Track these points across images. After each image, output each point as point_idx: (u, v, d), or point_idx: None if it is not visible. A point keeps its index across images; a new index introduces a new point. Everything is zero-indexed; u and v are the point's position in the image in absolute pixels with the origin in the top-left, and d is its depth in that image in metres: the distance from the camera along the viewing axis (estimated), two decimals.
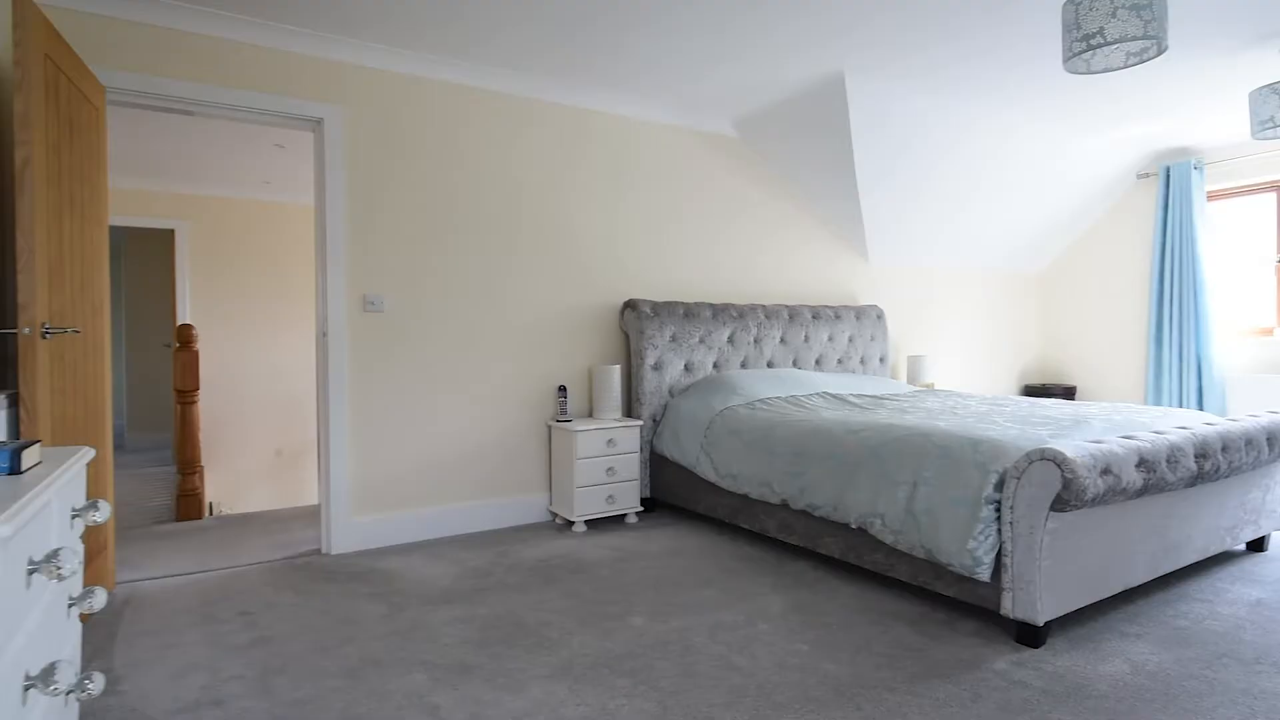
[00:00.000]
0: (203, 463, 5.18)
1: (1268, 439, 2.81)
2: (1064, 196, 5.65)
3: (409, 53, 3.43)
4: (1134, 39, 2.59)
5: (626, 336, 4.15)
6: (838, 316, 4.80)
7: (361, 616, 2.59)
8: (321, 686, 2.08)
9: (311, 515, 4.04)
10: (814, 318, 4.70)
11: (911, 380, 5.22)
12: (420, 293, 3.54)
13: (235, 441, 6.10)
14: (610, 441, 3.70)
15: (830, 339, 4.76)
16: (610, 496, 3.71)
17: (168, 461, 6.06)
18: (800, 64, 3.67)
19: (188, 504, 4.21)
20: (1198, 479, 2.54)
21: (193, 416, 4.41)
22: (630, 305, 4.02)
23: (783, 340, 4.54)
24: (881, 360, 5.03)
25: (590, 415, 4.01)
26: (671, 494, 3.86)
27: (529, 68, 3.64)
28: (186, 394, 4.39)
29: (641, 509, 3.89)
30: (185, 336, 4.39)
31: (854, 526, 2.79)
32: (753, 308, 4.44)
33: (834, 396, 3.91)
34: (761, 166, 4.73)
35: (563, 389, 3.80)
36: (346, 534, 3.35)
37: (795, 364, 4.60)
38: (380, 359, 3.43)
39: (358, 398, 3.38)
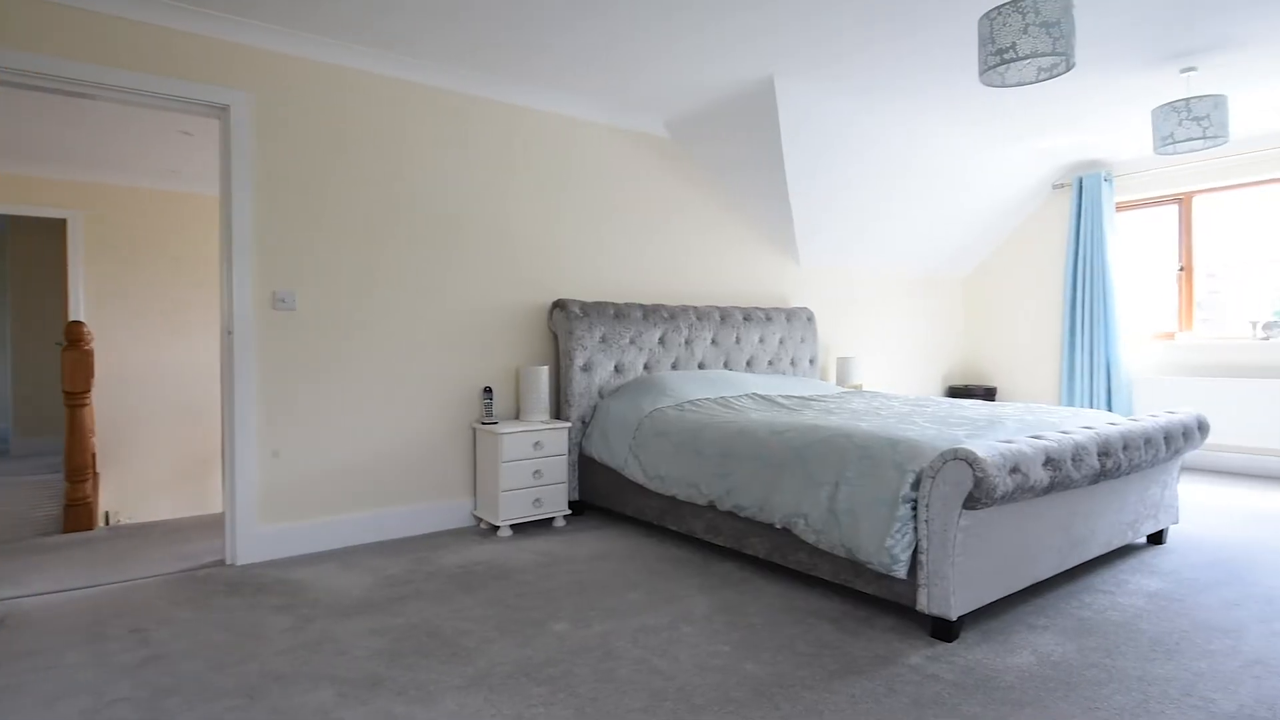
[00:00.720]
0: (98, 470, 4.85)
1: (1165, 438, 2.95)
2: (985, 204, 5.86)
3: (329, 41, 3.29)
4: (1044, 55, 2.69)
5: (555, 337, 4.09)
6: (769, 318, 4.85)
7: (266, 630, 2.45)
8: (217, 707, 1.95)
9: (217, 524, 3.83)
10: (745, 319, 4.74)
11: (840, 381, 5.32)
12: (336, 290, 3.39)
13: (136, 447, 5.75)
14: (537, 444, 3.63)
15: (761, 340, 4.81)
16: (537, 500, 3.64)
17: (58, 469, 5.65)
18: (730, 66, 3.69)
19: (77, 514, 3.92)
20: (1101, 476, 2.64)
21: (83, 420, 4.12)
22: (559, 305, 3.96)
23: (714, 341, 4.56)
24: (811, 362, 5.10)
25: (517, 417, 3.93)
26: (601, 496, 3.81)
27: (456, 61, 3.55)
28: (76, 396, 4.10)
29: (570, 512, 3.83)
30: (75, 334, 4.10)
31: (779, 527, 2.80)
32: (684, 309, 4.43)
33: (763, 398, 3.93)
34: (693, 167, 4.74)
35: (488, 390, 3.71)
36: (253, 543, 3.18)
37: (726, 365, 4.62)
38: (291, 359, 3.27)
39: (266, 399, 3.21)
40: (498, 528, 3.60)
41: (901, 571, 2.37)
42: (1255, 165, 5.06)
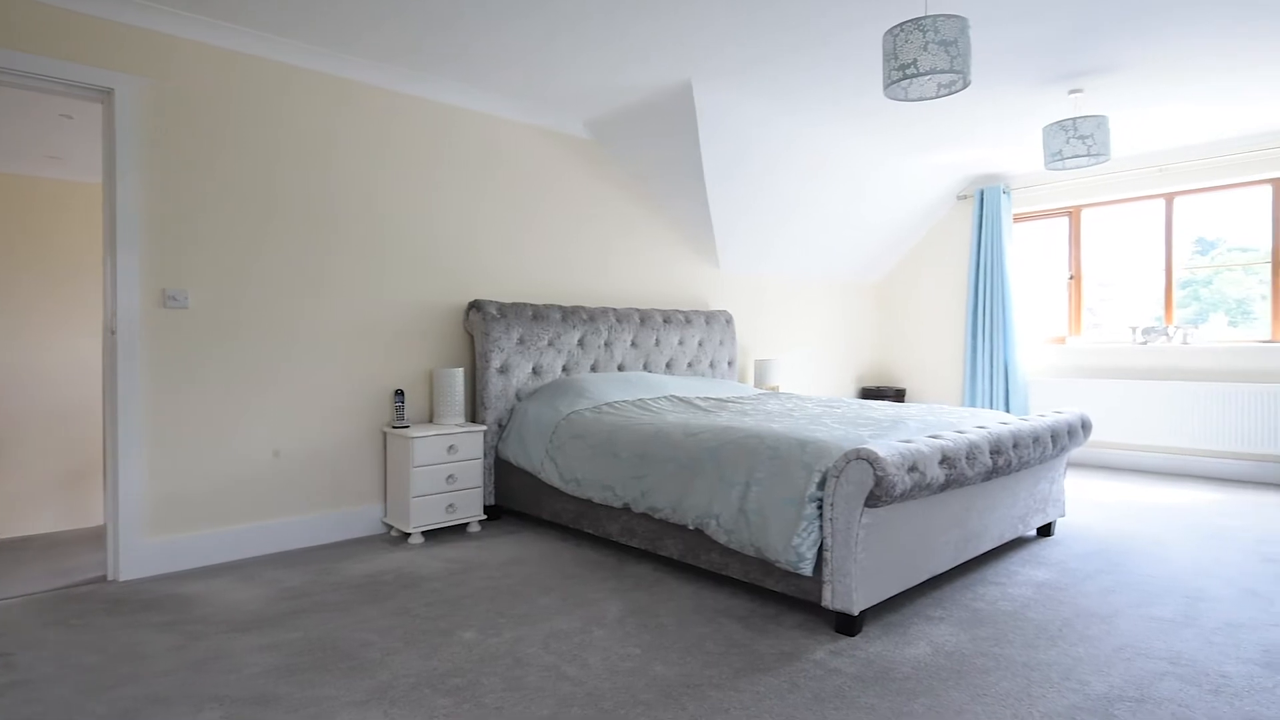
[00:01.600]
0: None
1: (1052, 436, 3.14)
2: (895, 212, 6.10)
3: (229, 26, 3.12)
4: (943, 72, 2.81)
5: (472, 338, 4.01)
6: (688, 321, 4.90)
7: (148, 650, 2.29)
8: None
9: (99, 537, 3.57)
10: (665, 322, 4.77)
11: (759, 383, 5.42)
12: (234, 288, 3.22)
13: (12, 455, 5.31)
14: (451, 448, 3.54)
15: (681, 343, 4.85)
16: (451, 505, 3.55)
17: None
18: (649, 69, 3.70)
19: None
20: (993, 473, 2.78)
21: None
22: (475, 306, 3.88)
23: (634, 344, 4.57)
24: (730, 364, 5.18)
25: (431, 421, 3.83)
26: (517, 500, 3.76)
27: (370, 54, 3.43)
28: None
29: (485, 517, 3.76)
30: None
31: (692, 528, 2.83)
32: (604, 310, 4.43)
33: (681, 400, 3.96)
34: (614, 169, 4.74)
35: (399, 393, 3.60)
36: (139, 557, 2.98)
37: (646, 367, 4.64)
38: (184, 360, 3.09)
39: (155, 404, 3.02)
40: (409, 535, 3.50)
41: (808, 569, 2.43)
42: (1136, 182, 5.45)
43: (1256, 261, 5.03)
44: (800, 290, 6.11)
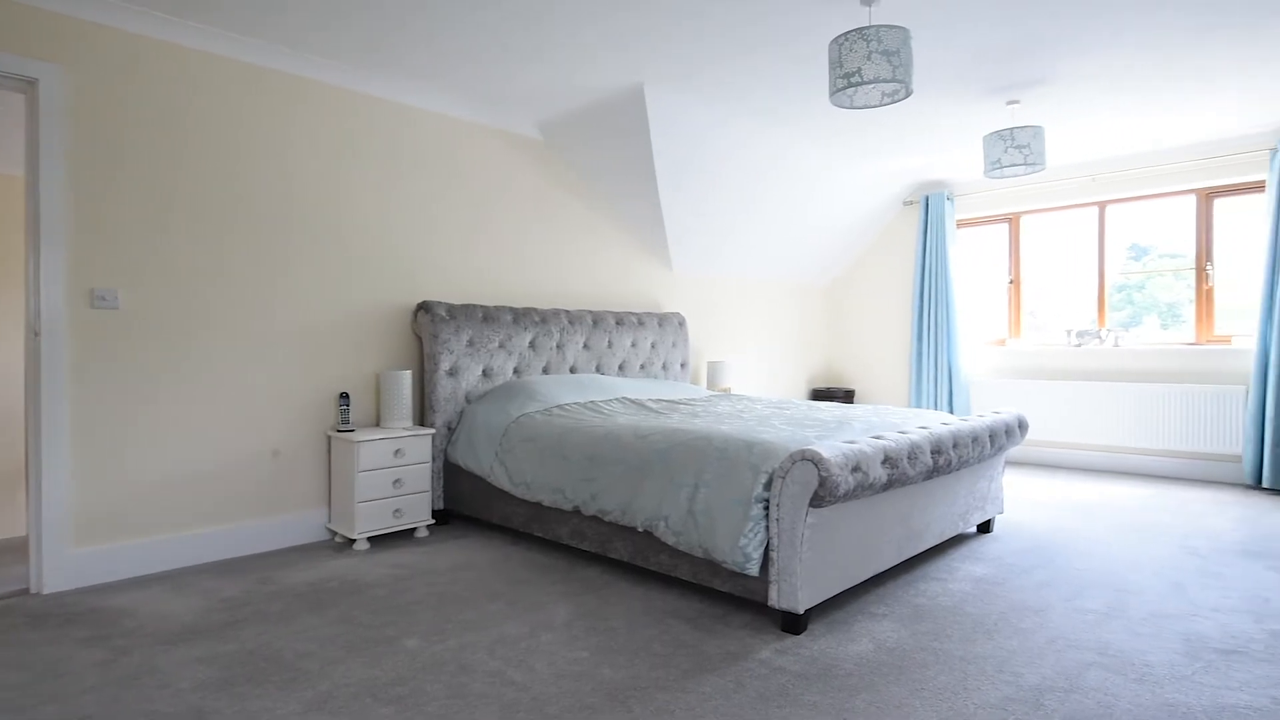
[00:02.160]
0: None
1: (990, 436, 3.24)
2: (843, 216, 6.22)
3: (164, 17, 3.01)
4: (886, 81, 2.88)
5: (420, 340, 3.94)
6: (641, 323, 4.91)
7: (73, 666, 2.20)
8: None
9: (22, 548, 3.41)
10: (618, 323, 4.77)
11: (711, 385, 5.46)
12: (170, 288, 3.11)
13: None
14: (398, 452, 3.48)
15: (634, 345, 4.86)
16: (397, 510, 3.49)
17: None
18: (601, 72, 3.70)
19: None
20: (934, 472, 2.85)
21: None
22: (424, 307, 3.82)
23: (586, 346, 4.56)
24: (683, 366, 5.21)
25: (377, 424, 3.75)
26: (466, 505, 3.71)
27: (317, 50, 3.34)
28: None
29: (433, 522, 3.70)
30: None
31: (641, 530, 2.83)
32: (556, 312, 4.40)
33: (632, 402, 3.97)
34: (566, 171, 4.72)
35: (345, 396, 3.52)
36: (64, 569, 2.85)
37: (599, 369, 4.64)
38: (114, 363, 2.96)
39: (82, 408, 2.89)
40: (354, 541, 3.42)
41: (754, 569, 2.45)
42: (1071, 190, 5.67)
43: (1184, 268, 5.28)
44: (752, 292, 6.18)
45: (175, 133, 3.12)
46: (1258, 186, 4.95)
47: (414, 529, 3.66)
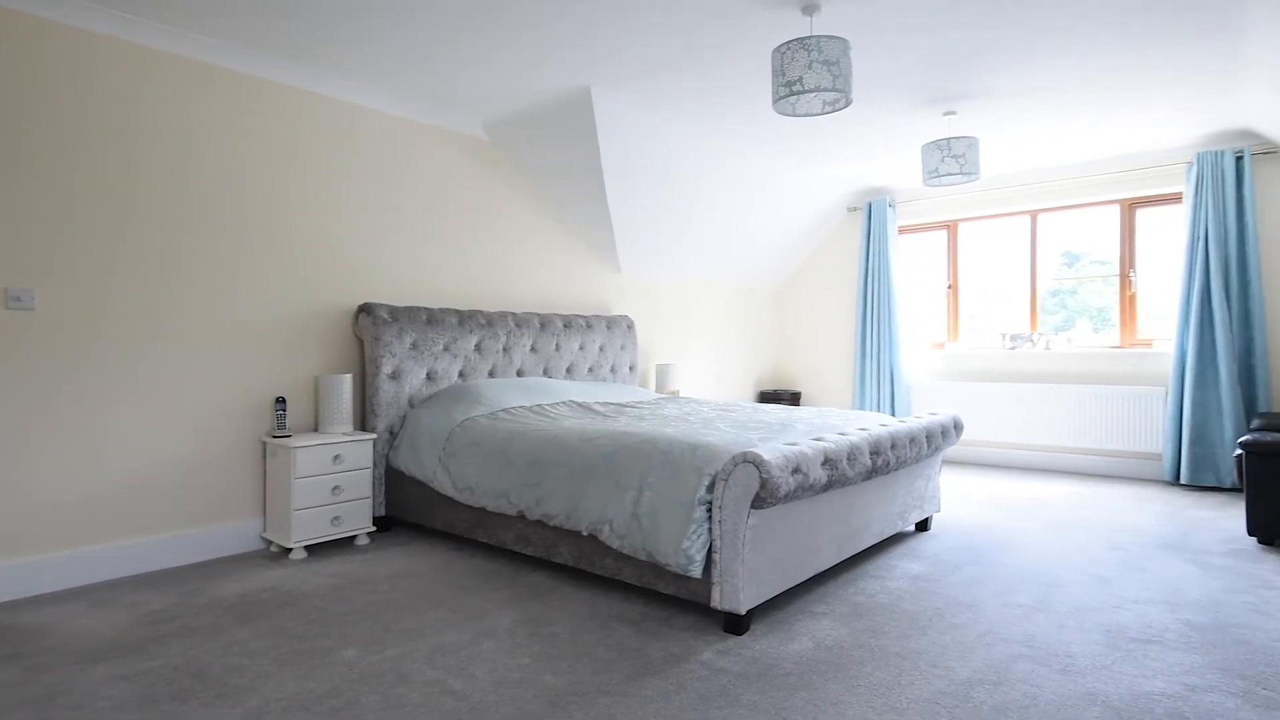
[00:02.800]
0: None
1: (927, 437, 3.33)
2: (790, 220, 6.32)
3: (91, 5, 2.87)
4: (826, 90, 2.94)
5: (361, 343, 3.86)
6: (589, 325, 4.90)
7: None
8: None
9: None
10: (566, 326, 4.75)
11: (660, 388, 5.48)
12: (92, 289, 2.97)
13: None
14: (337, 457, 3.39)
15: (581, 348, 4.84)
16: (336, 518, 3.40)
17: None
18: (548, 73, 3.68)
19: None
20: (873, 473, 2.92)
21: None
22: (365, 309, 3.74)
23: (533, 349, 4.52)
24: (631, 369, 5.22)
25: (316, 429, 3.65)
26: (409, 511, 3.64)
27: (252, 43, 3.24)
28: None
29: (375, 529, 3.62)
30: None
31: (586, 534, 2.82)
32: (502, 315, 4.36)
33: (579, 405, 3.95)
34: (514, 172, 4.68)
35: (281, 401, 3.42)
36: None
37: (546, 373, 4.61)
38: (30, 367, 2.81)
39: None
40: (290, 550, 3.32)
41: (697, 571, 2.47)
42: (1005, 199, 5.88)
43: (1111, 274, 5.52)
44: (701, 295, 6.23)
45: (102, 129, 2.98)
46: (1176, 198, 5.22)
47: (354, 536, 3.57)
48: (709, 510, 2.50)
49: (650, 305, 5.72)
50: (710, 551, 2.48)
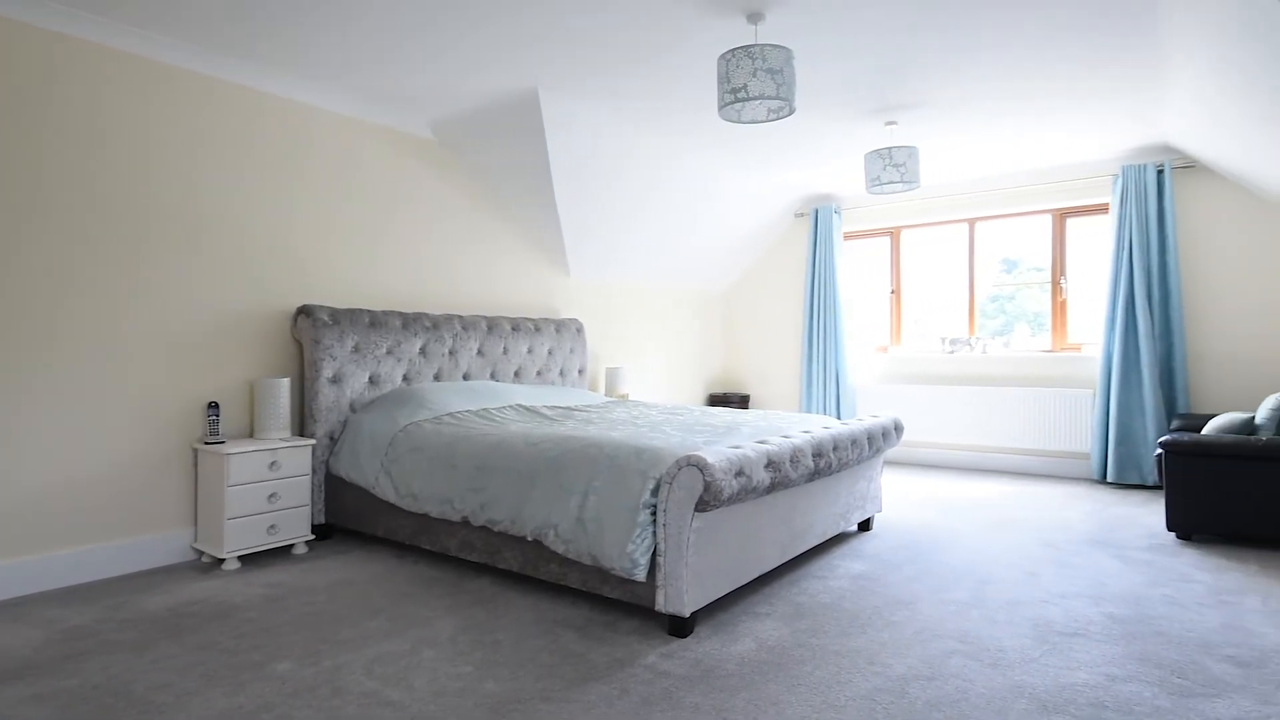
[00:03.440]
0: None
1: (868, 438, 3.40)
2: (738, 225, 6.40)
3: None
4: (770, 98, 2.98)
5: (301, 346, 3.75)
6: (538, 329, 4.86)
7: None
8: None
9: None
10: (514, 329, 4.70)
11: (610, 391, 5.48)
12: (11, 290, 2.81)
13: None
14: (274, 464, 3.29)
15: (530, 351, 4.80)
16: (273, 526, 3.29)
17: None
18: (496, 74, 3.65)
19: None
20: (816, 475, 2.97)
21: None
22: (305, 311, 3.64)
23: (480, 352, 4.47)
24: (580, 372, 5.20)
25: (251, 435, 3.53)
26: (350, 518, 3.55)
27: (185, 35, 3.12)
28: None
29: (313, 537, 3.52)
30: None
31: (531, 539, 2.80)
32: (448, 318, 4.29)
33: (526, 409, 3.92)
34: (461, 173, 4.62)
35: (214, 406, 3.29)
36: None
37: (493, 376, 4.55)
38: None
39: None
40: (222, 560, 3.20)
41: (641, 575, 2.47)
42: (944, 207, 6.06)
43: (1045, 281, 5.74)
44: (651, 299, 6.25)
45: (16, 120, 2.83)
46: (1103, 209, 5.46)
47: (291, 545, 3.46)
48: (654, 514, 2.51)
49: (600, 308, 5.71)
50: (655, 555, 2.49)
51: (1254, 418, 3.75)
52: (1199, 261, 5.03)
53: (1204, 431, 3.80)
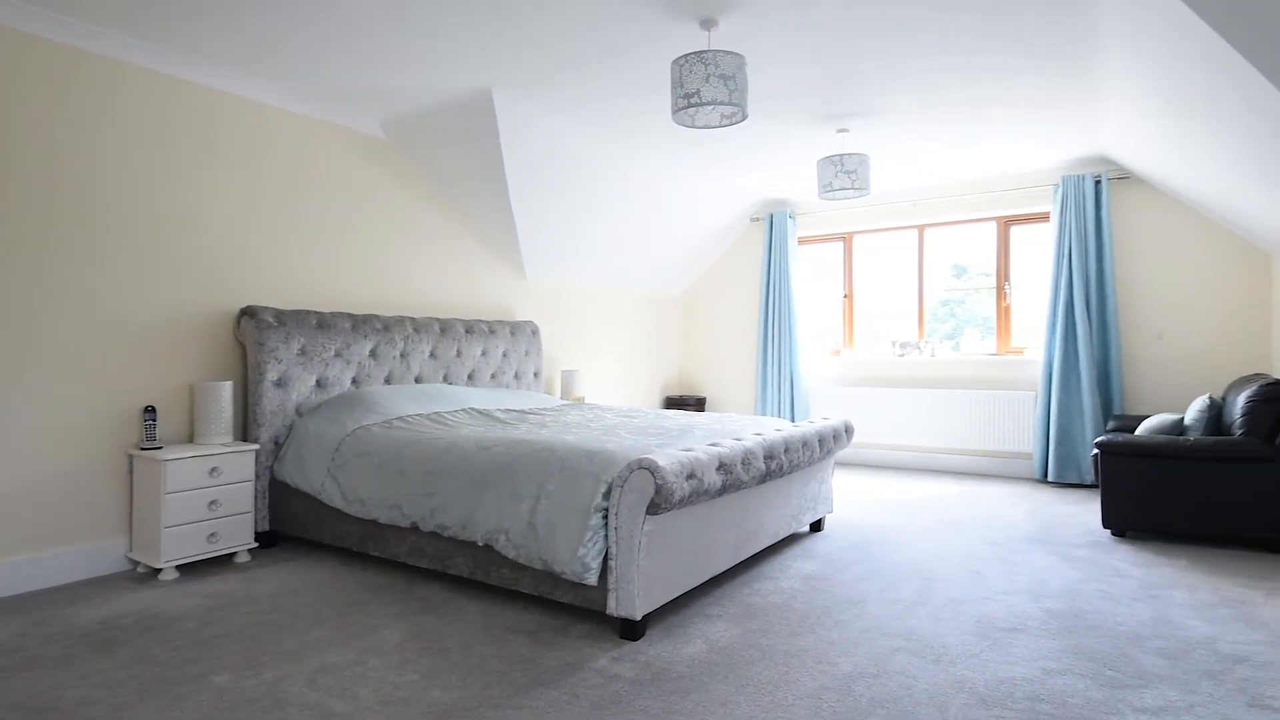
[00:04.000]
0: None
1: (819, 441, 3.46)
2: (695, 229, 6.44)
3: None
4: (723, 103, 3.01)
5: (244, 348, 3.64)
6: (492, 331, 4.81)
7: None
8: None
9: None
10: (468, 332, 4.65)
11: (565, 394, 5.45)
12: None
13: None
14: (214, 470, 3.19)
15: (484, 354, 4.75)
16: (213, 534, 3.19)
17: None
18: (449, 74, 3.60)
19: None
20: (767, 476, 3.00)
21: None
22: (248, 312, 3.53)
23: (433, 355, 4.40)
24: (536, 375, 5.17)
25: (191, 440, 3.42)
26: (295, 525, 3.46)
27: (127, 29, 3.00)
28: None
29: (257, 545, 3.42)
30: None
31: (482, 544, 2.77)
32: (400, 320, 4.22)
33: (480, 412, 3.88)
34: (414, 173, 4.55)
35: (150, 410, 3.17)
36: None
37: (446, 379, 4.49)
38: None
39: None
40: (159, 570, 3.09)
41: (593, 578, 2.46)
42: (895, 214, 6.20)
43: (992, 286, 5.91)
44: (608, 301, 6.25)
45: None
46: (1044, 217, 5.65)
47: (233, 554, 3.36)
48: (605, 517, 2.50)
49: (556, 311, 5.68)
50: (606, 558, 2.48)
51: (1183, 419, 3.92)
52: (1133, 269, 5.24)
53: (1137, 432, 3.95)
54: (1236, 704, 2.01)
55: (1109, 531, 3.87)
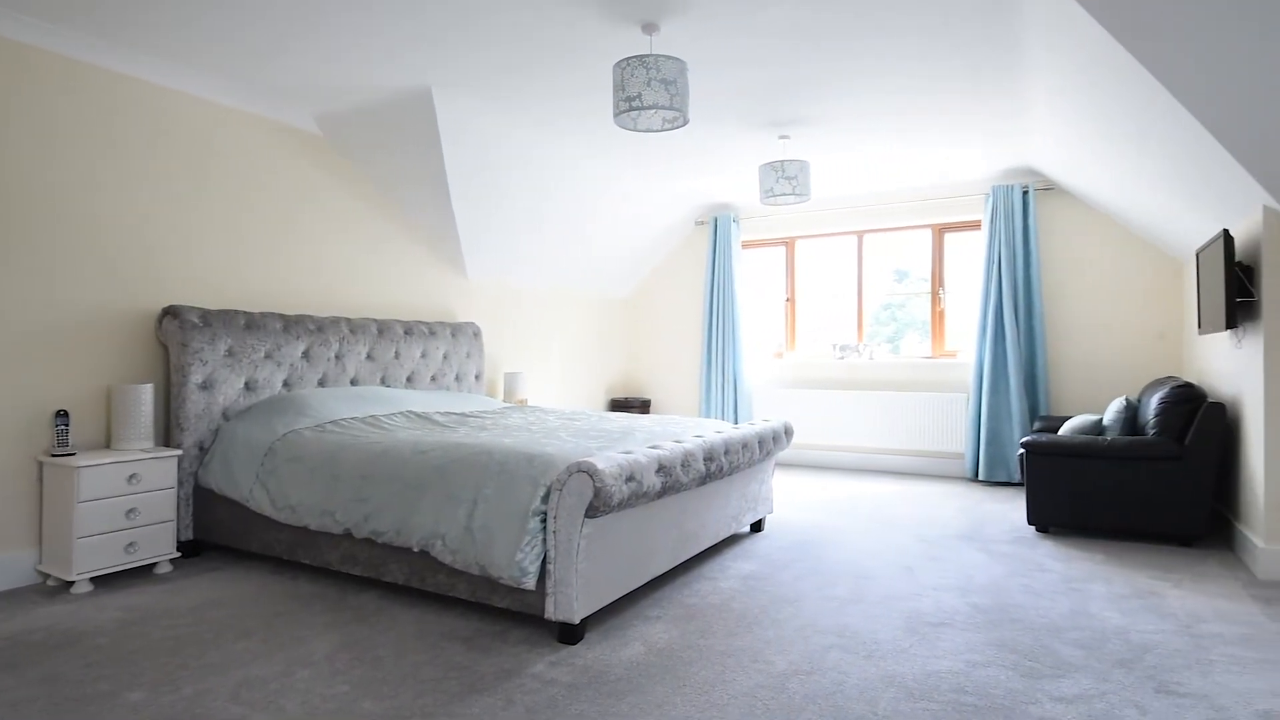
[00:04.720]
0: None
1: (759, 442, 3.50)
2: (639, 231, 6.46)
3: None
4: (665, 108, 3.03)
5: (167, 350, 3.49)
6: (432, 333, 4.73)
7: None
8: None
9: None
10: (407, 333, 4.55)
11: (508, 396, 5.39)
12: None
13: None
14: (133, 477, 3.04)
15: (424, 355, 4.66)
16: (132, 544, 3.04)
17: None
18: (388, 70, 3.52)
19: None
20: (707, 478, 3.03)
21: None
22: (171, 312, 3.38)
23: (370, 356, 4.30)
24: (477, 377, 5.10)
25: (108, 446, 3.25)
26: (222, 534, 3.33)
27: (41, 12, 2.83)
28: None
29: (180, 555, 3.28)
30: None
31: (417, 550, 2.71)
32: (335, 321, 4.10)
33: (418, 415, 3.80)
34: (350, 170, 4.44)
35: (62, 414, 3.01)
36: None
37: (384, 382, 4.39)
38: None
39: None
40: (71, 583, 2.93)
41: (531, 583, 2.44)
42: (835, 220, 6.34)
43: (928, 291, 6.10)
44: (552, 303, 6.21)
45: None
46: (976, 225, 5.86)
47: (154, 564, 3.20)
48: (544, 521, 2.48)
49: (499, 312, 5.62)
50: (545, 562, 2.46)
51: (1103, 419, 4.11)
52: (1058, 275, 5.48)
53: (1060, 433, 4.13)
54: (1145, 690, 2.12)
55: (1034, 528, 4.03)
